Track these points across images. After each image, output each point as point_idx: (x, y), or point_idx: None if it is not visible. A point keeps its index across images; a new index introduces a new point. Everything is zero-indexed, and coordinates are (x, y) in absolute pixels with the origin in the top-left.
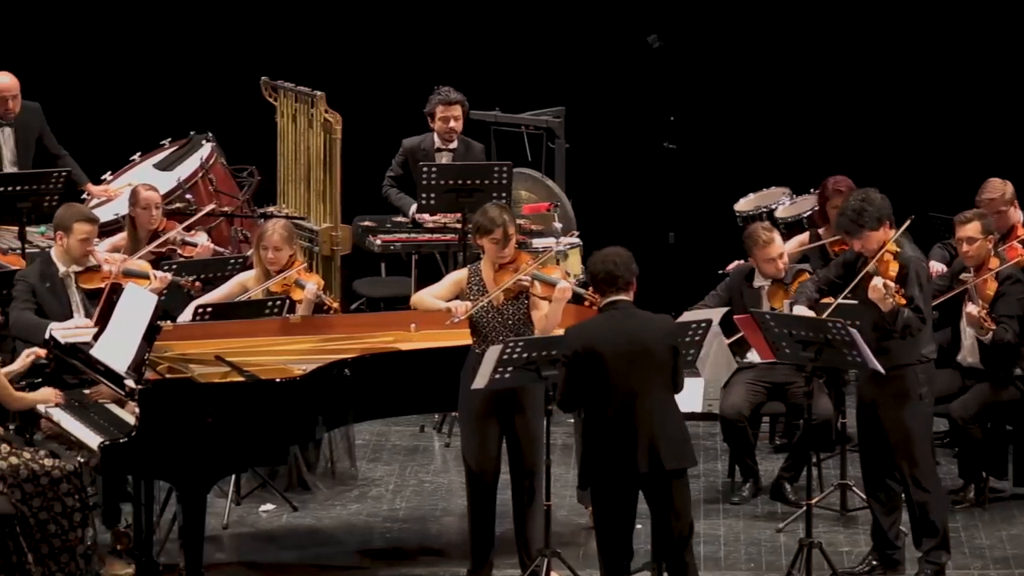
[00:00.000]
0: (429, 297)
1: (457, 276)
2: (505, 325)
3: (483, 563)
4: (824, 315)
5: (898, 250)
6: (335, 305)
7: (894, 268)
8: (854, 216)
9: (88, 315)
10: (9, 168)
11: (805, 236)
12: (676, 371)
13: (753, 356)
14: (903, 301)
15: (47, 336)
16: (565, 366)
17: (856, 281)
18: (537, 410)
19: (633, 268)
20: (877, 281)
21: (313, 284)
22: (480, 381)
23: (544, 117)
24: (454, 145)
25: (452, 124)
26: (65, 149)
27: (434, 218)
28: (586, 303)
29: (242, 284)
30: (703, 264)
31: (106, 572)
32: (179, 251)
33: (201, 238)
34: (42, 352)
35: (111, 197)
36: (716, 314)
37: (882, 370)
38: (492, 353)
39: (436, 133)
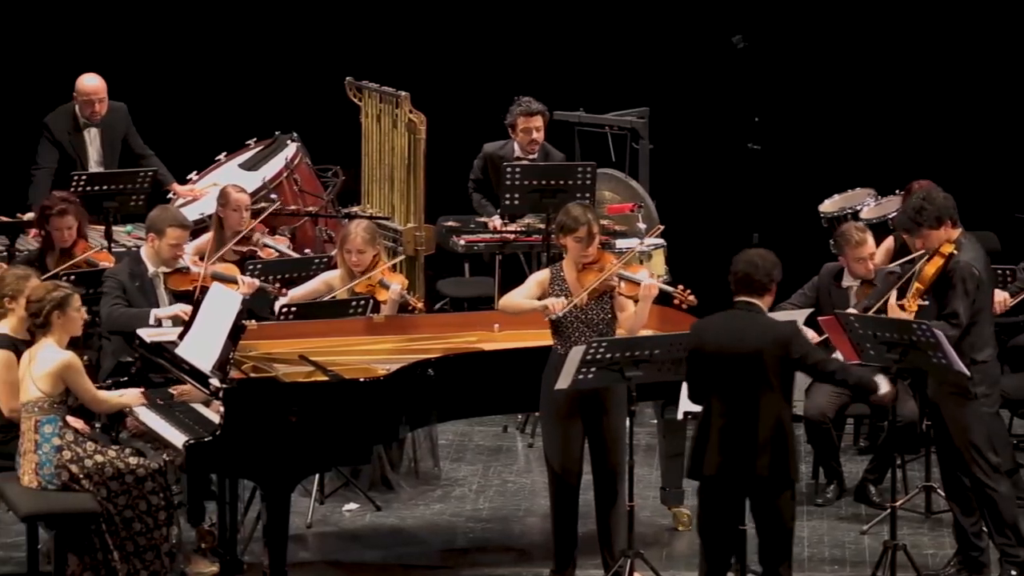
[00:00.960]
0: (519, 298)
1: (540, 277)
2: (588, 325)
3: (567, 564)
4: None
5: (954, 252)
6: (419, 305)
7: (935, 267)
8: (913, 214)
9: None
10: (95, 168)
11: (890, 241)
12: (785, 378)
13: (837, 357)
14: (914, 308)
15: (151, 321)
16: (686, 360)
17: (904, 279)
18: (620, 410)
19: (774, 274)
20: (893, 303)
21: (397, 284)
22: (563, 382)
23: (628, 118)
24: (534, 156)
25: (534, 136)
26: (151, 149)
27: (510, 227)
28: (676, 301)
29: (327, 283)
30: (787, 265)
31: (190, 570)
32: (259, 253)
33: (282, 244)
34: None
35: (196, 197)
36: (800, 315)
37: (967, 372)
38: (575, 354)
39: (517, 144)
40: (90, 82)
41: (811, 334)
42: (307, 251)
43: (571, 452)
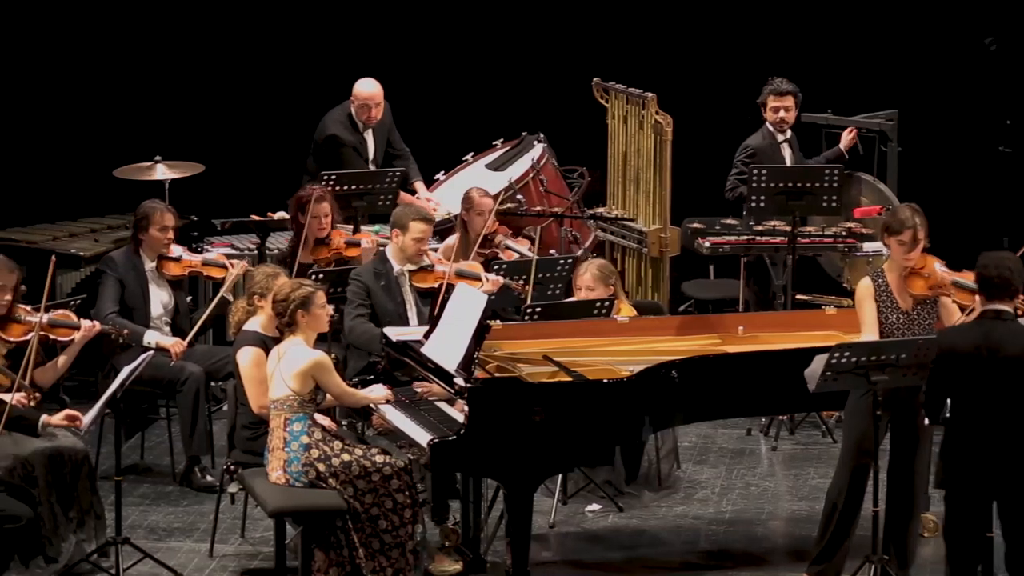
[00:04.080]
0: (871, 322)
1: (866, 288)
2: (912, 330)
3: (831, 557)
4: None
5: None
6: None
7: None
8: None
9: (420, 314)
10: (371, 168)
11: None
12: None
13: None
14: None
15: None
16: (932, 366)
17: None
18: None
19: None
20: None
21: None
22: (811, 384)
23: (877, 120)
24: (789, 135)
25: (783, 114)
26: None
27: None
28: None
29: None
30: None
31: (434, 568)
32: (502, 255)
33: (523, 246)
34: None
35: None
36: None
37: None
38: (821, 359)
39: (768, 123)
40: (369, 87)
41: None
42: (552, 252)
43: (872, 448)
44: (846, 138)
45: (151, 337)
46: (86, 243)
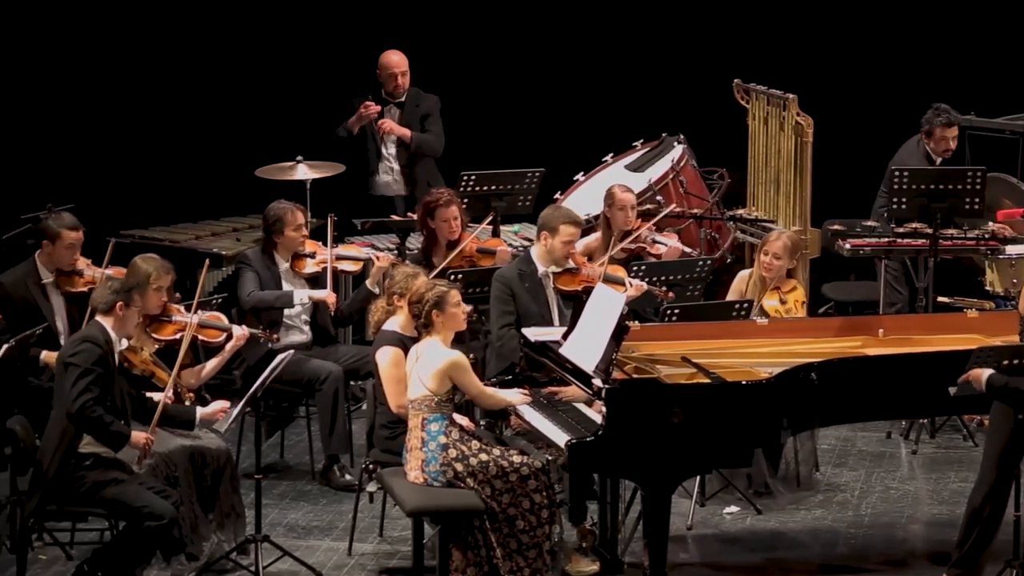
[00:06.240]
0: None
1: None
2: None
3: (972, 563)
4: None
5: None
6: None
7: None
8: None
9: (563, 316)
10: (391, 150)
11: None
12: None
13: None
14: None
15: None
16: None
17: None
18: None
19: None
20: None
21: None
22: (953, 387)
23: (1021, 121)
24: (943, 158)
25: (950, 145)
26: (542, 151)
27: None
28: None
29: (739, 291)
30: None
31: (571, 568)
32: (649, 249)
33: (671, 239)
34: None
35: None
36: None
37: None
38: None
39: (931, 150)
40: (393, 55)
41: None
42: (692, 251)
43: (1018, 453)
44: None
45: (301, 295)
46: (228, 242)
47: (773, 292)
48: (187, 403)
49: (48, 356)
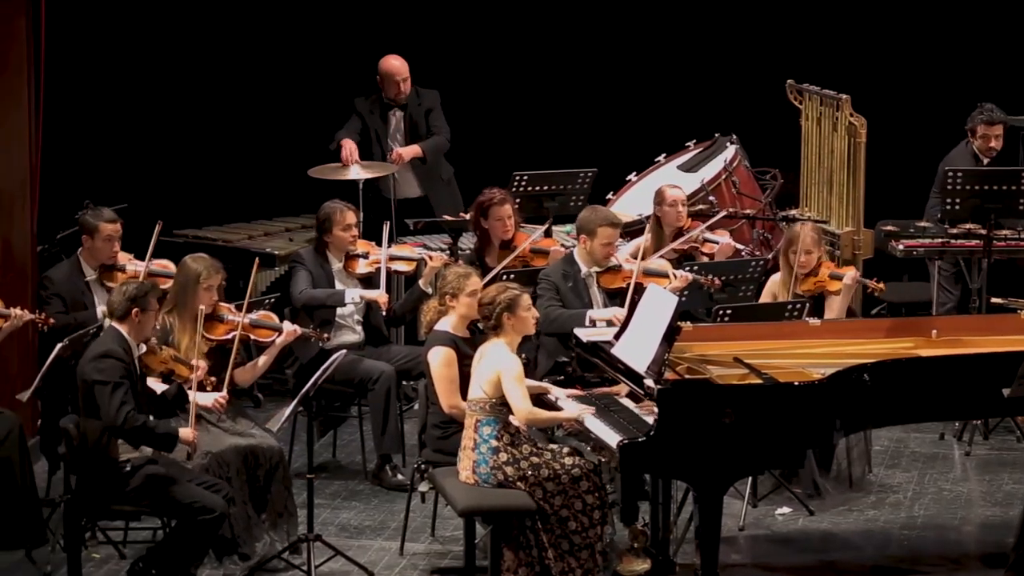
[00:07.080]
0: None
1: None
2: None
3: None
4: None
5: None
6: (880, 286)
7: None
8: None
9: None
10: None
11: None
12: None
13: None
14: None
15: (586, 323)
16: None
17: None
18: None
19: None
20: None
21: (852, 272)
22: (1007, 388)
23: None
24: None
25: (992, 143)
26: (595, 151)
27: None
28: None
29: (772, 294)
30: None
31: (623, 569)
32: (701, 248)
33: (723, 236)
34: None
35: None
36: None
37: None
38: None
39: (976, 148)
40: (393, 61)
41: None
42: (744, 249)
43: None
44: None
45: (353, 294)
46: (280, 242)
47: (808, 280)
48: (208, 389)
49: None
